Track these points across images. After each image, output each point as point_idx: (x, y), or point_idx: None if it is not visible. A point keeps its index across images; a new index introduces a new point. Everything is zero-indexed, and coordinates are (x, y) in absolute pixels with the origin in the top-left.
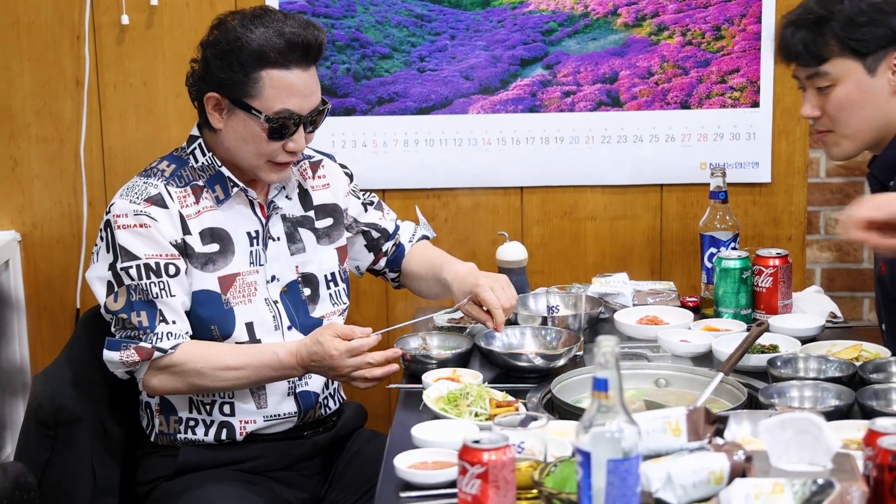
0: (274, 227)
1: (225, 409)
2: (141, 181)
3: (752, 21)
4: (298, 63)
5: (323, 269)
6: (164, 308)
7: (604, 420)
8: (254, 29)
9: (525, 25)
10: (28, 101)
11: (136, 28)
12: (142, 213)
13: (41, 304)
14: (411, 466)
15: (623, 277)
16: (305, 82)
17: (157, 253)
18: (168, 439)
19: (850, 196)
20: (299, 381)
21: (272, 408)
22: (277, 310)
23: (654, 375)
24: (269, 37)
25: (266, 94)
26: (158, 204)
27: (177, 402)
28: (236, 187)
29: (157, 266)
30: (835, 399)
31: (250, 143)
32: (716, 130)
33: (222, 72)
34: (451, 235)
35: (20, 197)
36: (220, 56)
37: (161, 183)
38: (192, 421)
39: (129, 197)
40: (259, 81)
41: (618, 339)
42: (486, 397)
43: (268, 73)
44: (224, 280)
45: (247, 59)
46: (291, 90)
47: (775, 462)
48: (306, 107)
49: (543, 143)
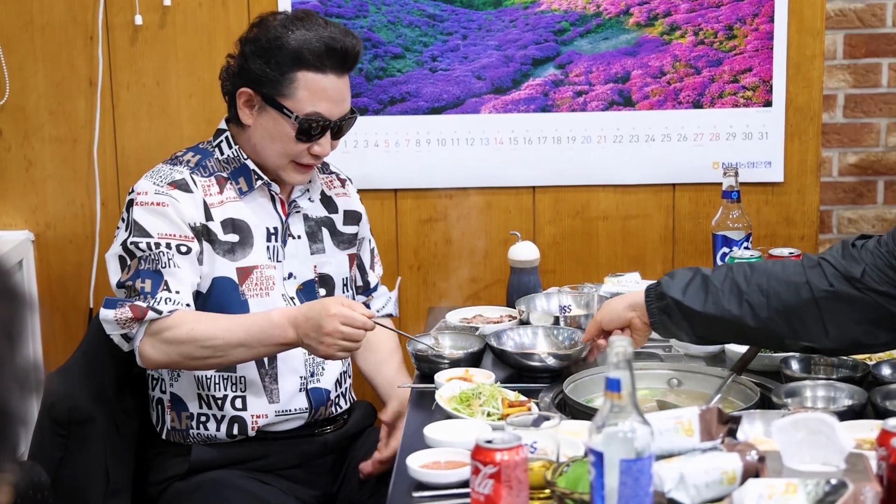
0: (294, 226)
1: (237, 403)
2: (166, 167)
3: (765, 20)
4: (334, 69)
5: (340, 273)
6: (170, 278)
7: (616, 420)
8: (294, 30)
9: (537, 25)
10: (42, 102)
11: (149, 28)
12: (163, 193)
13: (54, 304)
14: (424, 466)
15: (635, 277)
16: (338, 89)
17: (170, 232)
18: (180, 436)
19: (863, 195)
20: (311, 378)
21: (284, 403)
22: (294, 305)
23: (667, 375)
24: (309, 39)
25: (299, 95)
26: (182, 188)
27: (187, 397)
28: (260, 180)
29: (168, 245)
30: (848, 399)
31: (277, 142)
32: (728, 130)
33: (259, 68)
34: (463, 235)
35: (34, 197)
36: (259, 53)
37: (186, 171)
38: (204, 416)
39: (154, 179)
40: (294, 82)
41: (630, 340)
42: (499, 397)
43: (304, 74)
44: (242, 271)
45: (284, 59)
46: (324, 94)
47: (788, 462)
48: (336, 113)
49: (555, 142)
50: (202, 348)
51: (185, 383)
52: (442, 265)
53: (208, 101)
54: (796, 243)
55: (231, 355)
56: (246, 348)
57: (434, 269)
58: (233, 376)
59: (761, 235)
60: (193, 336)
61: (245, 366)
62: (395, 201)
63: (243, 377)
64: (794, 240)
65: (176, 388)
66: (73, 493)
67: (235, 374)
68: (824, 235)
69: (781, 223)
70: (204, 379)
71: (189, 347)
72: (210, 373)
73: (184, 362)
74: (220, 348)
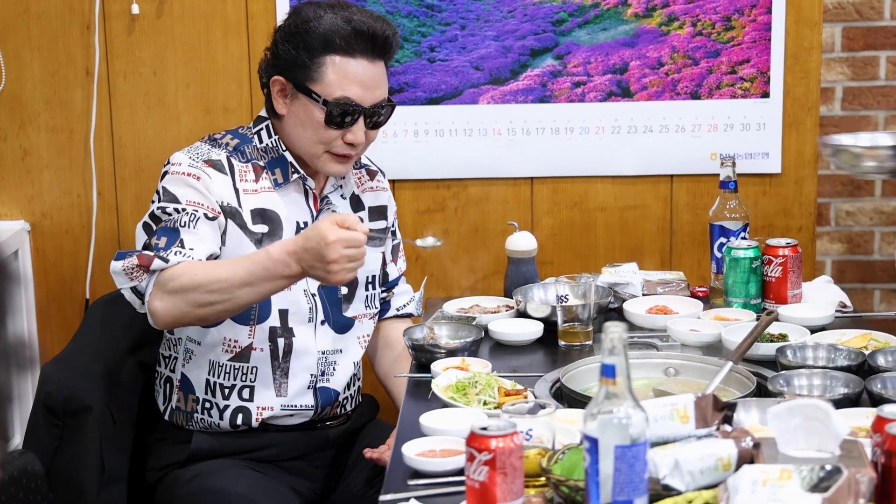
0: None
1: (244, 393)
2: (205, 146)
3: (763, 11)
4: (364, 53)
5: (365, 271)
6: (187, 237)
7: (611, 406)
8: (323, 14)
9: (535, 16)
10: (38, 91)
11: (146, 17)
12: (197, 167)
13: (50, 294)
14: (420, 454)
15: (633, 267)
16: (370, 73)
17: (198, 201)
18: (183, 417)
19: (861, 188)
20: (321, 377)
21: (291, 398)
22: (314, 302)
23: (664, 365)
24: (337, 22)
25: (328, 79)
26: (217, 168)
27: (197, 381)
28: (297, 174)
29: (194, 211)
30: (843, 387)
31: (309, 129)
32: (726, 121)
33: (288, 54)
34: (461, 226)
35: (30, 186)
36: (288, 38)
37: (224, 153)
38: (209, 403)
39: (190, 154)
40: (323, 66)
41: (625, 326)
42: (495, 386)
43: (332, 58)
44: None
45: (313, 43)
46: (354, 78)
47: (783, 449)
48: (368, 99)
49: (553, 133)
50: (208, 293)
51: (197, 366)
52: (440, 256)
53: (205, 91)
54: (794, 234)
55: (238, 297)
56: (251, 287)
57: (432, 259)
58: (245, 366)
59: (759, 226)
60: (197, 281)
61: (258, 357)
62: (394, 192)
63: (255, 367)
64: (791, 231)
65: (187, 370)
66: (68, 482)
67: (248, 364)
68: (822, 228)
69: (779, 214)
70: (216, 366)
71: (195, 294)
72: (223, 360)
73: (193, 311)
74: (226, 290)
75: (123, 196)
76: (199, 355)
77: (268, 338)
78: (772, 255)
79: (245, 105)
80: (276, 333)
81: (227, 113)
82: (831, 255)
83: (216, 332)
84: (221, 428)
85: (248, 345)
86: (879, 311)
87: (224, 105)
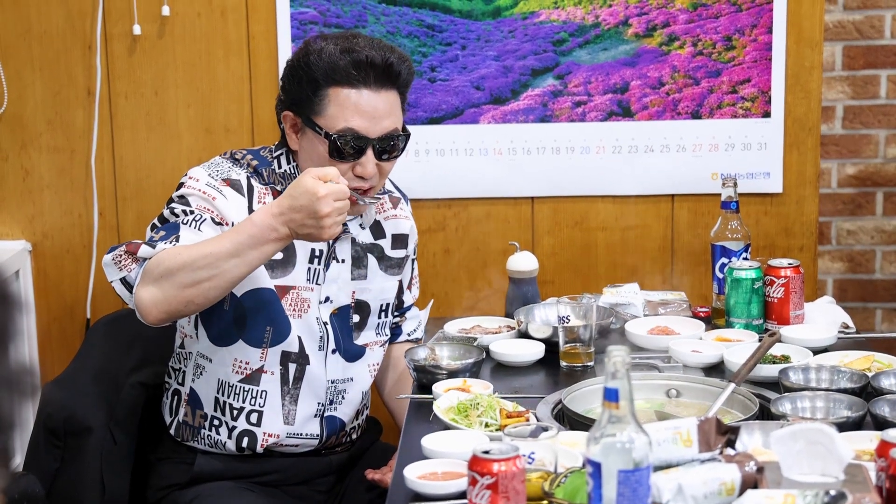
0: (341, 250)
1: (252, 417)
2: (226, 163)
3: (763, 31)
4: (367, 83)
5: (380, 299)
6: (185, 233)
7: (614, 430)
8: (324, 47)
9: (536, 36)
10: (39, 111)
11: (147, 38)
12: (215, 187)
13: (51, 315)
14: (421, 477)
15: (634, 288)
16: (374, 104)
17: (208, 208)
18: (189, 432)
19: (862, 206)
20: (329, 406)
21: (298, 426)
22: (326, 331)
23: (666, 386)
24: (336, 54)
25: (330, 111)
26: (236, 188)
27: (206, 397)
28: None
29: (200, 214)
30: (847, 410)
31: (316, 164)
32: (727, 141)
33: (293, 89)
34: (462, 246)
35: (31, 206)
36: (293, 73)
37: (244, 173)
38: (217, 420)
39: (210, 171)
40: (325, 99)
41: (628, 349)
42: (497, 408)
43: (334, 90)
44: (280, 289)
45: (315, 76)
46: (356, 109)
47: (787, 473)
48: (375, 130)
49: (554, 153)
50: (195, 271)
51: (206, 383)
52: (441, 275)
53: (206, 112)
54: (795, 254)
55: (226, 271)
56: (238, 259)
57: (433, 279)
58: (254, 389)
59: (760, 246)
60: (182, 261)
61: (268, 380)
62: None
63: (265, 391)
64: (793, 251)
65: (196, 385)
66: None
67: (258, 387)
68: (824, 247)
69: (780, 234)
70: (226, 385)
71: (182, 275)
72: (233, 381)
73: (181, 294)
74: (212, 265)
75: (124, 216)
76: (209, 372)
77: (279, 361)
78: (774, 276)
79: (246, 125)
80: (290, 358)
81: (228, 133)
82: (833, 274)
83: (226, 353)
84: (227, 448)
85: (260, 367)
86: (881, 330)
87: (225, 125)
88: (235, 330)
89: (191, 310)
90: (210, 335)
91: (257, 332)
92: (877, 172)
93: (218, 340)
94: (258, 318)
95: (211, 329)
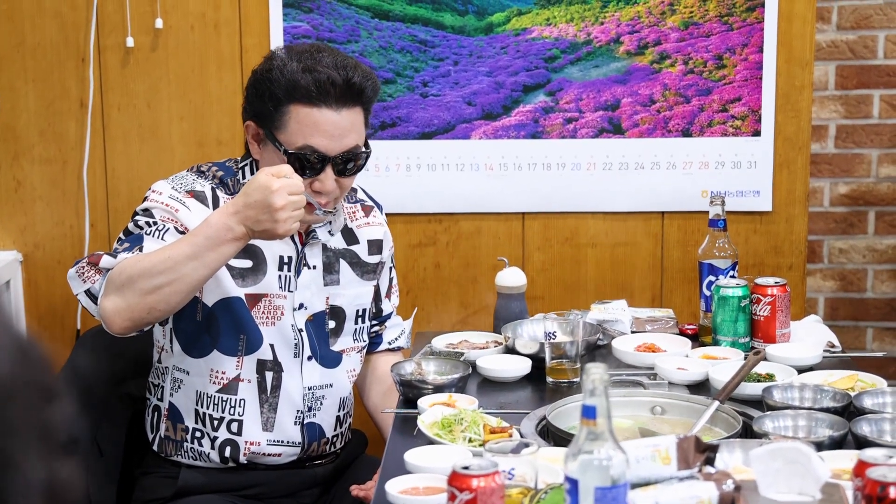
0: (311, 256)
1: (233, 426)
2: (190, 176)
3: (754, 50)
4: (328, 102)
5: (355, 304)
6: (148, 243)
7: (592, 447)
8: (287, 63)
9: (528, 52)
10: (32, 122)
11: (140, 50)
12: (178, 199)
13: (42, 325)
14: (403, 492)
15: (622, 304)
16: (334, 122)
17: (171, 219)
18: (172, 447)
19: (854, 225)
20: (308, 413)
21: (277, 433)
22: (301, 338)
23: (650, 403)
24: (297, 71)
25: (290, 128)
26: (200, 199)
27: (185, 410)
28: None
29: (163, 224)
30: (828, 429)
31: None
32: (717, 159)
33: (256, 101)
34: (452, 261)
35: (22, 217)
36: (255, 85)
37: (209, 184)
38: (199, 432)
39: (174, 184)
40: (286, 115)
41: (607, 367)
42: (481, 423)
43: (295, 108)
44: (251, 297)
45: (276, 92)
46: (316, 128)
47: (764, 492)
48: (335, 148)
49: (545, 169)
50: (154, 276)
51: (185, 395)
52: (431, 290)
53: (199, 124)
54: (784, 273)
55: (186, 275)
56: (196, 261)
57: (423, 293)
58: (232, 398)
59: (749, 264)
60: (142, 267)
61: (246, 389)
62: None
63: (243, 399)
64: (781, 269)
65: (175, 399)
66: None
67: (236, 396)
68: (814, 265)
69: (769, 252)
70: (205, 396)
71: (142, 282)
72: (211, 391)
73: (143, 301)
74: (172, 269)
75: (116, 227)
76: (187, 385)
77: (255, 370)
78: (760, 294)
79: (239, 138)
80: (265, 367)
81: (220, 146)
82: (824, 293)
83: (203, 363)
84: (211, 459)
85: (236, 376)
86: (872, 349)
87: (217, 138)
88: (209, 340)
89: (154, 317)
90: (184, 347)
91: (230, 341)
92: (869, 192)
93: (193, 352)
94: (230, 328)
95: (185, 340)
